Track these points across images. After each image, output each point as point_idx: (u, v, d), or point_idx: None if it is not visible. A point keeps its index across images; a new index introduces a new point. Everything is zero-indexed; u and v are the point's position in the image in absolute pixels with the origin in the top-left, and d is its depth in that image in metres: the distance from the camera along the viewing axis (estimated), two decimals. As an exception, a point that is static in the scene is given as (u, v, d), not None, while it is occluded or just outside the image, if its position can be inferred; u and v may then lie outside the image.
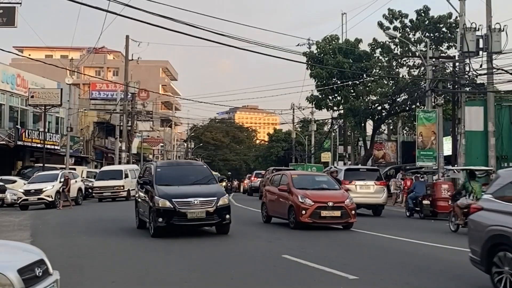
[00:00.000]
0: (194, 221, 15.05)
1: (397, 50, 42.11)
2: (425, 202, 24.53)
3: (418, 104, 38.74)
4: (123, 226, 18.64)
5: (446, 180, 30.44)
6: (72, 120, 50.16)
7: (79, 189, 34.47)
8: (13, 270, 5.38)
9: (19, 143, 41.13)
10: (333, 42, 42.22)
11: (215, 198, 15.21)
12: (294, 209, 17.74)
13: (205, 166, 18.23)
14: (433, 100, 32.60)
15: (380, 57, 42.40)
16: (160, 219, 14.84)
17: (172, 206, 14.82)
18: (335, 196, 18.19)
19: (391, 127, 57.56)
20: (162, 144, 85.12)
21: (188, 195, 15.12)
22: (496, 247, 8.16)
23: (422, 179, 28.34)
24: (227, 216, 15.35)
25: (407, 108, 42.31)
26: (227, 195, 16.28)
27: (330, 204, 17.50)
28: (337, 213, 17.50)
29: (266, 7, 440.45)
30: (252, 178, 52.00)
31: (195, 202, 14.94)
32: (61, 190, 30.53)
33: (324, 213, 17.44)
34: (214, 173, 21.64)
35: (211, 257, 12.09)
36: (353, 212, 17.72)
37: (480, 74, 31.44)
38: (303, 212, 17.39)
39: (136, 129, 59.00)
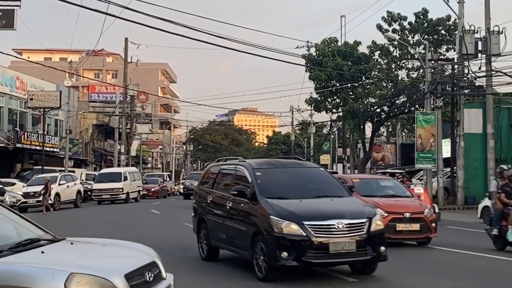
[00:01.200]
0: (339, 258, 9.60)
1: (396, 52, 42.12)
2: None
3: (417, 106, 38.74)
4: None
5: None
6: (71, 122, 50.13)
7: (78, 192, 34.49)
8: (120, 276, 5.01)
9: (18, 145, 41.12)
10: (332, 45, 42.23)
11: (366, 220, 9.86)
12: None
13: (322, 169, 12.68)
14: (432, 103, 32.64)
15: (379, 60, 42.40)
16: (285, 254, 9.38)
17: (304, 233, 9.41)
18: (411, 205, 15.36)
19: (390, 129, 57.55)
20: (161, 147, 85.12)
21: (327, 215, 9.72)
22: None
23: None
24: (382, 248, 9.89)
25: (406, 110, 42.31)
26: (378, 214, 10.91)
27: (407, 215, 14.69)
28: (416, 227, 14.74)
29: (265, 10, 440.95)
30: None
31: (339, 226, 9.53)
32: (42, 193, 30.03)
33: (400, 226, 14.59)
34: None
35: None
36: (433, 224, 15.01)
37: (479, 77, 31.52)
38: None
39: (135, 131, 59.00)
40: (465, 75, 32.12)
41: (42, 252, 5.42)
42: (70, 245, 5.92)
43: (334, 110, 44.83)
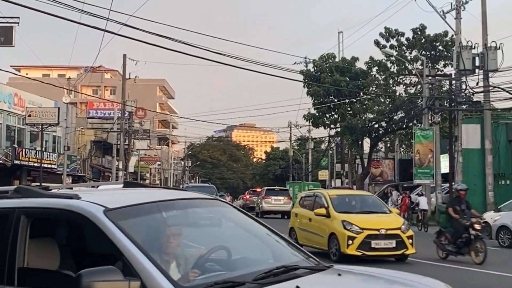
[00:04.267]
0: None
1: (394, 68, 42.26)
2: None
3: (415, 122, 38.79)
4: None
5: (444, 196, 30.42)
6: (69, 139, 50.07)
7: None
8: None
9: (16, 162, 41.00)
10: (330, 60, 42.39)
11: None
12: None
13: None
14: (430, 118, 32.70)
15: (377, 75, 42.54)
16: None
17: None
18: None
19: (388, 145, 57.59)
20: (159, 163, 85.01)
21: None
22: None
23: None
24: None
25: (404, 126, 42.38)
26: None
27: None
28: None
29: (262, 26, 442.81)
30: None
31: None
32: None
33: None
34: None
35: None
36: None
37: (477, 92, 31.59)
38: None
39: (133, 147, 58.92)
40: (463, 90, 32.19)
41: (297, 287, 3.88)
42: (337, 277, 4.29)
43: (332, 126, 44.92)
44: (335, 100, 41.39)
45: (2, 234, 4.01)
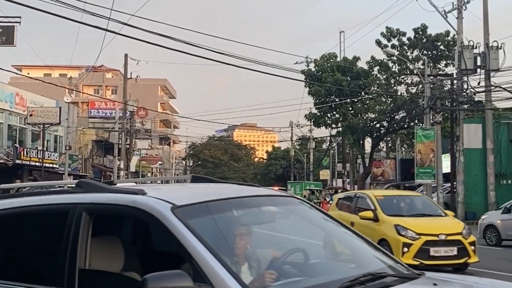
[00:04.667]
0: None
1: (395, 68, 42.25)
2: None
3: (416, 121, 38.78)
4: None
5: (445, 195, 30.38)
6: (70, 138, 50.11)
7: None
8: None
9: (18, 161, 41.05)
10: (331, 60, 42.38)
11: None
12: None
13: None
14: (431, 118, 32.67)
15: (378, 75, 42.53)
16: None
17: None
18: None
19: (389, 145, 57.55)
20: (161, 162, 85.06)
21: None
22: None
23: None
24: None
25: (406, 125, 42.36)
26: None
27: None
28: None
29: (264, 25, 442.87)
30: None
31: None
32: None
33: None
34: None
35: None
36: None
37: (478, 92, 31.60)
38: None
39: (135, 147, 58.93)
40: (464, 90, 32.19)
41: None
42: None
43: (333, 125, 44.92)
44: (337, 100, 41.38)
45: (62, 232, 3.72)
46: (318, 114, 42.76)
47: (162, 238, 3.96)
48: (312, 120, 44.05)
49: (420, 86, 38.13)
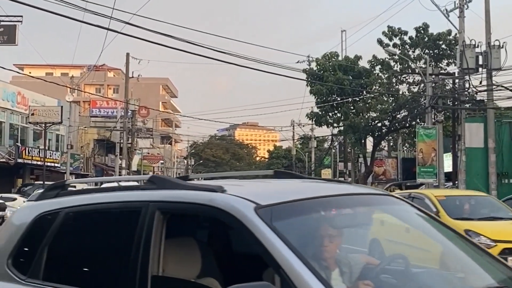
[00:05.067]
0: None
1: (397, 67, 42.19)
2: None
3: (418, 120, 38.78)
4: None
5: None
6: (72, 137, 50.16)
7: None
8: None
9: (19, 160, 41.13)
10: (333, 59, 42.34)
11: None
12: None
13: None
14: (433, 117, 32.65)
15: (380, 74, 42.47)
16: None
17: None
18: None
19: (391, 144, 57.54)
20: (162, 161, 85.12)
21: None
22: None
23: None
24: None
25: (407, 124, 42.32)
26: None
27: None
28: None
29: (265, 25, 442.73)
30: None
31: None
32: None
33: None
34: None
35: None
36: None
37: (480, 91, 31.52)
38: None
39: (136, 146, 58.98)
40: (466, 89, 32.12)
41: None
42: None
43: (335, 125, 44.87)
44: (338, 99, 41.35)
45: (133, 233, 3.34)
46: (320, 113, 42.72)
47: (243, 242, 3.61)
48: (314, 119, 44.01)
49: (422, 85, 38.08)
